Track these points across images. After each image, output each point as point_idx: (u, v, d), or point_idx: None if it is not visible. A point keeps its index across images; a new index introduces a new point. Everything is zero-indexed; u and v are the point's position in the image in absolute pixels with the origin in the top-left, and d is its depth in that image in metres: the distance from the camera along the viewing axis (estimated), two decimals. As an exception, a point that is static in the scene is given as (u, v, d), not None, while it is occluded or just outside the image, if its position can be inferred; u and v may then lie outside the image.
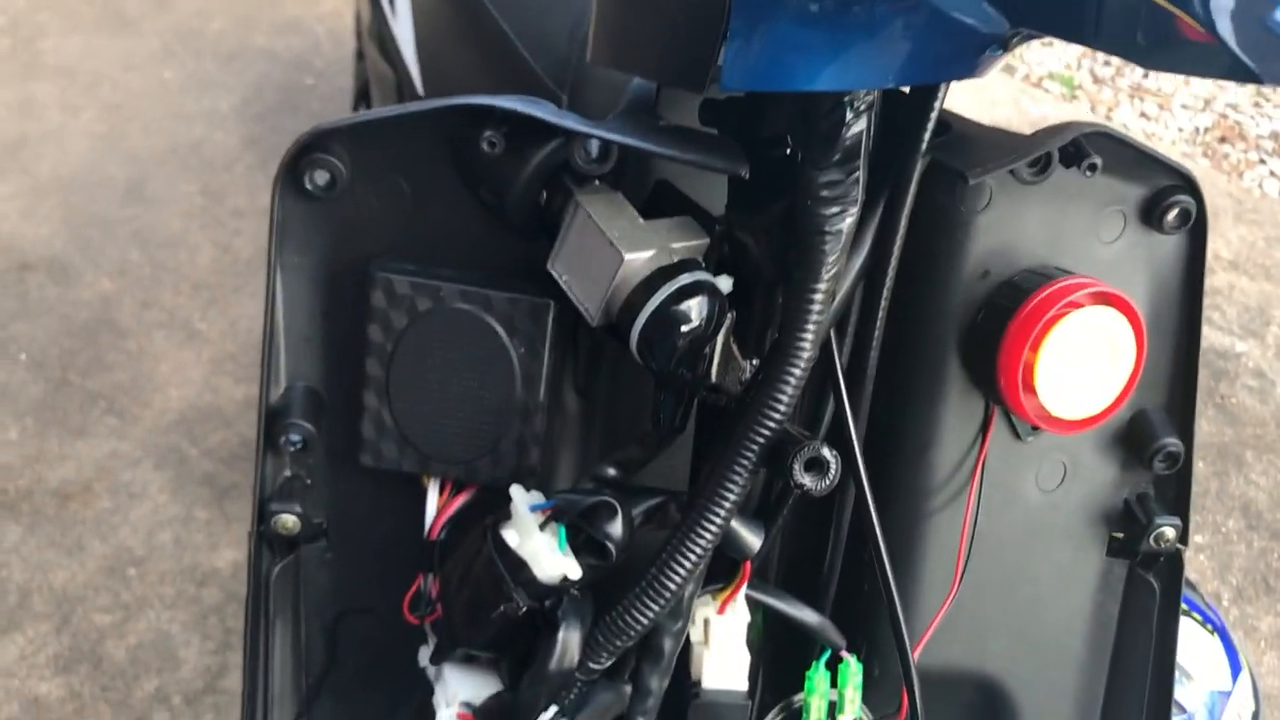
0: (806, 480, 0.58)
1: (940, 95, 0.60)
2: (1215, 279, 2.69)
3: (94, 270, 2.44)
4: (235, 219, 2.57)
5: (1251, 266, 2.74)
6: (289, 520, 0.68)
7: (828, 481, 0.59)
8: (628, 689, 0.64)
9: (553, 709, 0.61)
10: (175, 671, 1.85)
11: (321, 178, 0.64)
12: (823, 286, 0.58)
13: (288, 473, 0.69)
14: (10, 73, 2.90)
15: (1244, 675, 1.60)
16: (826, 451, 0.58)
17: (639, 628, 0.61)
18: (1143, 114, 3.24)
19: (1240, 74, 0.49)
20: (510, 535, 0.62)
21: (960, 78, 0.58)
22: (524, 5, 1.15)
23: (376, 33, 1.67)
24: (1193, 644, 1.61)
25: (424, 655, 0.69)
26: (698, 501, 0.60)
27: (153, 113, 2.82)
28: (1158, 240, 0.72)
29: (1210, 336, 2.55)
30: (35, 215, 2.54)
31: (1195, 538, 2.19)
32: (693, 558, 0.60)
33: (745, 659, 0.68)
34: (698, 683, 0.68)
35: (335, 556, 0.71)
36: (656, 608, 0.61)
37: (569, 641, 0.61)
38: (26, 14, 3.09)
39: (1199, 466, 2.29)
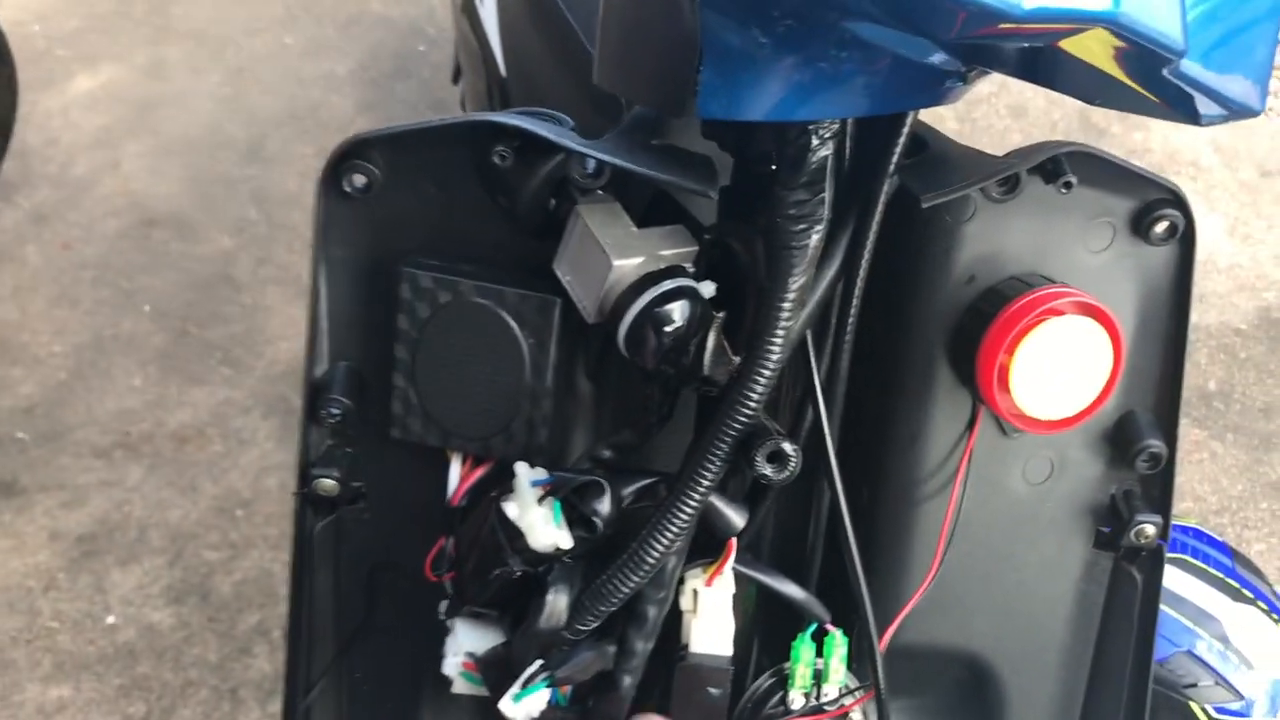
0: (768, 471, 0.65)
1: (906, 122, 0.65)
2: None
3: (214, 227, 2.59)
4: (346, 181, 2.69)
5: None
6: (328, 484, 0.76)
7: (788, 473, 0.65)
8: (612, 649, 0.72)
9: (537, 663, 0.69)
10: (276, 607, 1.99)
11: (359, 181, 0.72)
12: (790, 296, 0.64)
13: (329, 442, 0.78)
14: (144, 36, 3.06)
15: (1308, 665, 1.60)
16: (787, 445, 0.64)
17: (620, 596, 0.69)
18: None
19: (1181, 119, 0.54)
20: (511, 507, 0.70)
21: (922, 107, 0.62)
22: (590, 4, 1.21)
23: (466, 9, 1.74)
24: (1256, 632, 1.62)
25: (444, 609, 0.78)
26: (676, 485, 0.67)
27: (273, 76, 2.96)
28: (1146, 251, 0.75)
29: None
30: (162, 173, 2.70)
31: (1281, 524, 2.16)
32: (669, 535, 0.67)
33: (730, 627, 0.75)
34: (685, 646, 0.75)
35: (372, 517, 0.80)
36: (636, 579, 0.68)
37: (556, 604, 0.69)
38: (161, -22, 3.26)
39: (1286, 453, 2.26)
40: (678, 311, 0.66)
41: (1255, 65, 0.52)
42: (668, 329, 0.66)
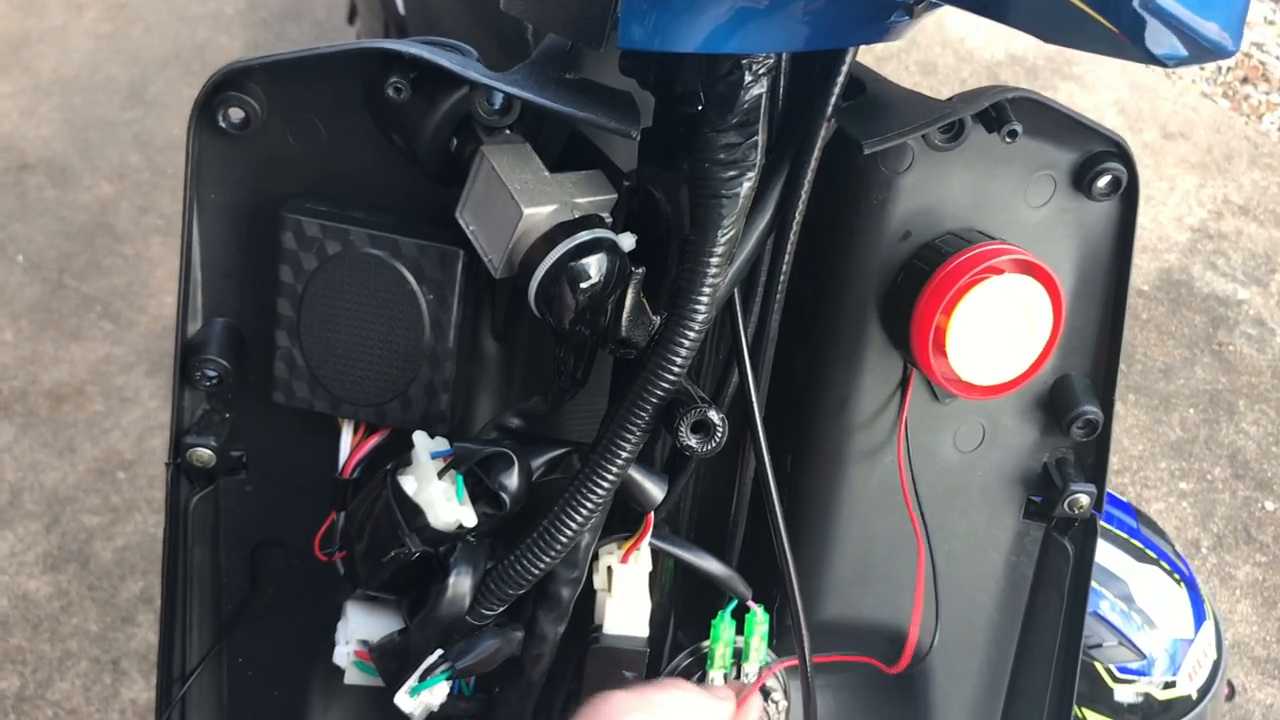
0: (693, 442, 0.59)
1: (847, 60, 0.59)
2: (1223, 223, 2.65)
3: (93, 173, 2.44)
4: (236, 126, 2.56)
5: (1262, 212, 2.69)
6: (204, 454, 0.69)
7: (713, 445, 0.59)
8: (519, 635, 0.66)
9: (437, 653, 0.63)
10: (160, 574, 1.89)
11: (236, 115, 0.64)
12: (718, 250, 0.58)
13: (205, 406, 0.70)
14: (16, -32, 2.88)
15: (1208, 624, 1.62)
16: (714, 414, 0.59)
17: (529, 577, 0.62)
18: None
19: (1142, 58, 0.49)
20: (408, 482, 0.63)
21: (865, 43, 0.57)
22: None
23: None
24: (1158, 592, 1.63)
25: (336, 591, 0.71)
26: (591, 456, 0.61)
27: (157, 14, 2.80)
28: (1087, 207, 0.71)
29: (1213, 282, 2.53)
30: (36, 115, 2.54)
31: (1180, 484, 2.19)
32: (584, 511, 0.61)
33: (646, 606, 0.69)
34: (599, 627, 0.69)
35: (254, 489, 0.73)
36: (547, 559, 0.62)
37: (459, 587, 0.62)
38: (34, -92, 3.06)
39: (1189, 414, 2.28)
40: (594, 266, 0.59)
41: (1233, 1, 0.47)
42: (583, 285, 0.59)
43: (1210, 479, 2.20)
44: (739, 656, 0.74)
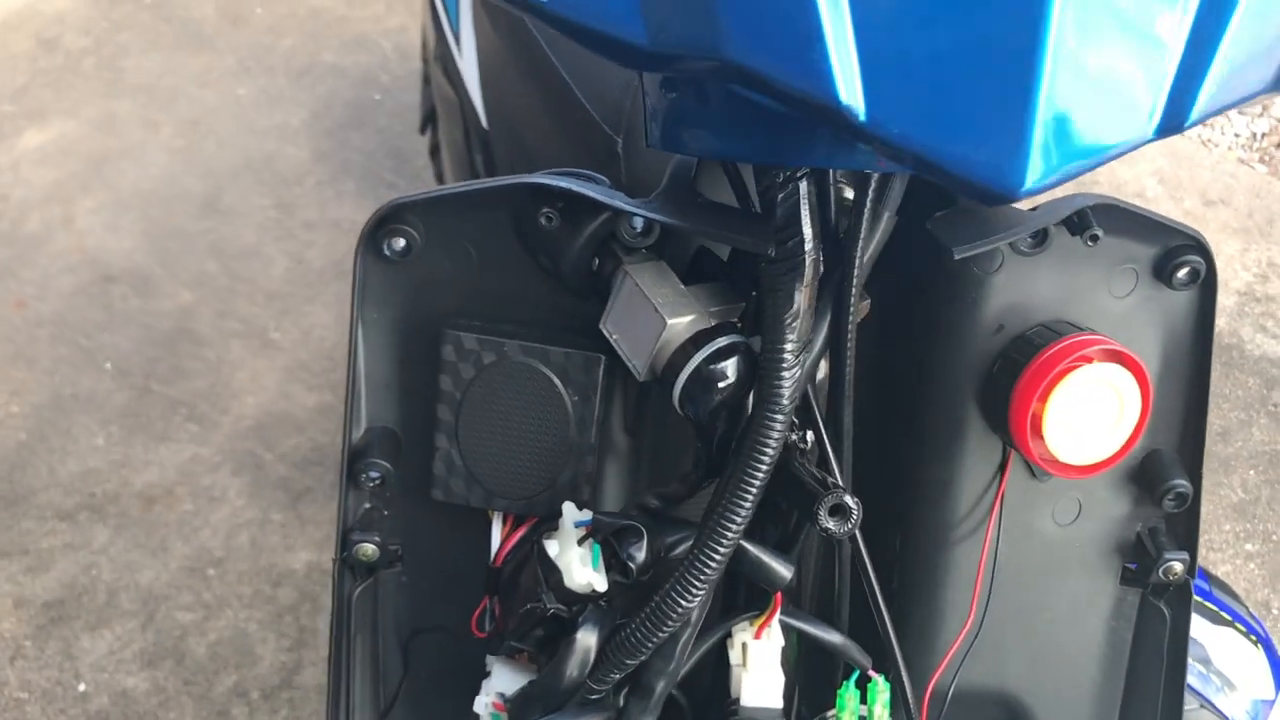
0: (831, 525, 0.65)
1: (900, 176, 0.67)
2: (1269, 286, 2.70)
3: (173, 281, 2.56)
4: (307, 231, 2.68)
5: (1307, 274, 2.74)
6: (368, 549, 0.76)
7: (849, 526, 0.65)
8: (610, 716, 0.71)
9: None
10: (253, 668, 1.96)
11: (398, 244, 0.72)
12: (790, 338, 0.63)
13: (367, 505, 0.77)
14: (94, 91, 3.03)
15: (1287, 685, 1.63)
16: (849, 499, 0.65)
17: (645, 648, 0.68)
18: (1200, 120, 3.23)
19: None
20: (551, 545, 0.70)
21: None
22: (580, 52, 1.22)
23: (441, 60, 1.75)
24: (1235, 654, 1.64)
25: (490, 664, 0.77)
26: (699, 537, 0.67)
27: (227, 128, 2.94)
28: (1169, 296, 0.77)
29: (1263, 344, 2.56)
30: (118, 228, 2.66)
31: (1245, 546, 2.21)
32: (694, 589, 0.66)
33: (780, 679, 0.75)
34: (736, 700, 0.75)
35: (410, 580, 0.79)
36: (661, 632, 0.67)
37: (585, 641, 0.68)
38: (109, 34, 3.22)
39: (1249, 475, 2.31)
40: (731, 368, 0.66)
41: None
42: (721, 385, 0.66)
43: (1276, 539, 2.22)
44: (862, 724, 0.79)
